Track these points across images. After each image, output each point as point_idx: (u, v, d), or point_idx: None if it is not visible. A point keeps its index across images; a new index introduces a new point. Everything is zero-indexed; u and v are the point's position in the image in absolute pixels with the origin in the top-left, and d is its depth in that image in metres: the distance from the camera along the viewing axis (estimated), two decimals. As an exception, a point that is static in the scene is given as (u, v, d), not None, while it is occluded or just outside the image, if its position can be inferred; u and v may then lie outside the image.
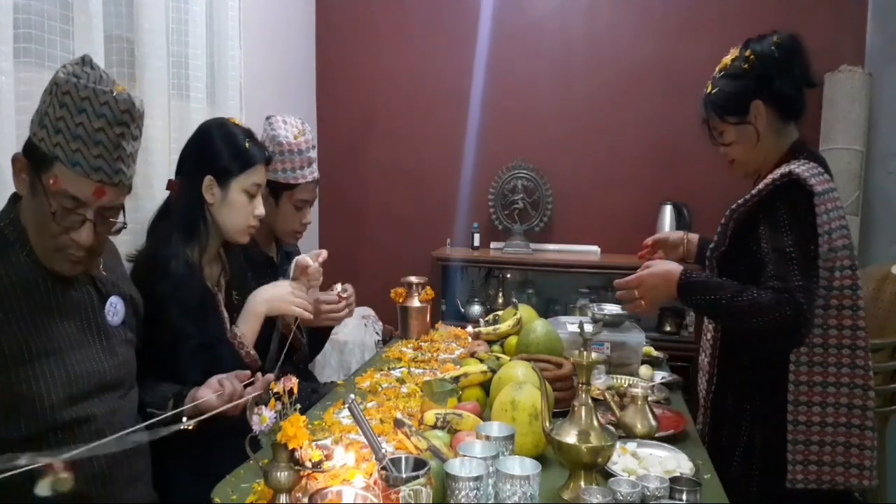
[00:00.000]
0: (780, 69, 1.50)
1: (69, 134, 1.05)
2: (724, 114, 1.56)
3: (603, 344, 1.91)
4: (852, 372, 1.43)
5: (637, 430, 1.43)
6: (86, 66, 1.11)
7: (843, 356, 1.43)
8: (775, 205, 1.43)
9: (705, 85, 1.62)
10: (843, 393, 1.43)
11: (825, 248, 1.39)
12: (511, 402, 1.34)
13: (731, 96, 1.54)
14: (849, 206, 2.97)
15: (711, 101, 1.58)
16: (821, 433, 1.43)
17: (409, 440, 1.22)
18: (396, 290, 2.34)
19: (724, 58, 1.60)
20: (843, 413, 1.43)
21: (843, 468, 1.43)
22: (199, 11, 2.22)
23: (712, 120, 1.60)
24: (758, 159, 1.58)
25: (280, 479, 1.07)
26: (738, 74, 1.54)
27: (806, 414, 1.43)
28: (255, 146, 1.67)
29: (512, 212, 3.46)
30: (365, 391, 1.78)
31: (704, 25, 3.34)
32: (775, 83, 1.50)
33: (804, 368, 1.43)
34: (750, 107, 1.53)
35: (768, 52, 1.51)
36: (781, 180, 1.43)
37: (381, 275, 3.29)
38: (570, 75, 3.48)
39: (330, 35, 3.72)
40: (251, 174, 1.64)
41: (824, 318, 1.43)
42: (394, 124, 3.68)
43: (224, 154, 1.62)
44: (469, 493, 1.05)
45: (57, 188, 1.06)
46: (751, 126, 1.54)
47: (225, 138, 1.64)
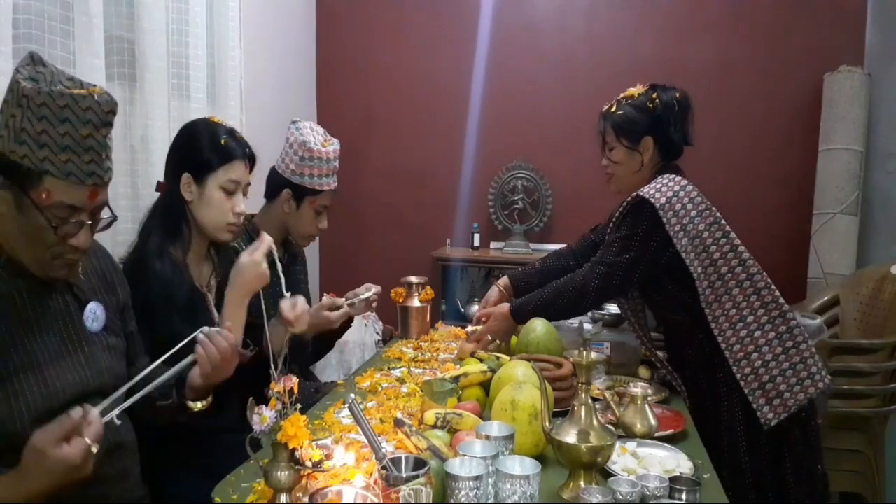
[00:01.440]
0: (675, 119, 1.77)
1: (56, 146, 1.01)
2: (620, 135, 1.80)
3: (603, 344, 1.91)
4: (766, 311, 1.64)
5: (637, 429, 1.43)
6: (38, 65, 1.06)
7: (753, 304, 1.64)
8: (623, 219, 1.74)
9: (609, 103, 1.84)
10: (767, 331, 1.63)
11: (685, 240, 1.64)
12: (511, 402, 1.34)
13: (631, 123, 1.78)
14: (848, 206, 2.98)
15: (613, 120, 1.81)
16: (767, 372, 1.62)
17: (409, 440, 1.22)
18: (396, 290, 2.34)
19: (630, 89, 1.83)
20: (775, 346, 1.63)
21: (798, 387, 1.61)
22: (199, 11, 2.22)
23: (608, 134, 1.82)
24: (633, 182, 1.80)
25: (280, 479, 1.07)
26: (641, 108, 1.78)
27: (748, 365, 1.63)
28: (235, 142, 1.62)
29: (512, 212, 3.46)
30: (365, 391, 1.78)
31: (704, 26, 3.34)
32: (669, 129, 1.77)
33: (728, 333, 1.64)
34: (642, 139, 1.78)
35: (670, 103, 1.77)
36: (632, 202, 1.71)
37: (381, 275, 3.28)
38: (570, 76, 3.49)
39: (330, 35, 3.73)
40: (228, 170, 1.59)
41: (724, 286, 1.64)
42: (394, 124, 3.68)
43: (199, 151, 1.59)
44: (469, 493, 1.05)
45: (51, 201, 1.03)
46: (638, 154, 1.79)
47: (201, 136, 1.61)
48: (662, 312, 1.87)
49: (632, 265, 1.70)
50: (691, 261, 1.64)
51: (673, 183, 1.69)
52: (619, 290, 1.78)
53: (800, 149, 3.26)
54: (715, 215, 1.66)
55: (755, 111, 3.31)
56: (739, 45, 3.31)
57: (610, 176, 1.86)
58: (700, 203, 1.66)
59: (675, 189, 1.67)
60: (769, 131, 3.31)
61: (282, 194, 1.98)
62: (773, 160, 3.31)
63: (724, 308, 1.64)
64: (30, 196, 1.03)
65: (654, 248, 1.68)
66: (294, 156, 1.97)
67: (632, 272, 1.71)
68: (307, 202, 1.99)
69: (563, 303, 1.78)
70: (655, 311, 1.90)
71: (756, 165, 3.33)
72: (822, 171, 3.07)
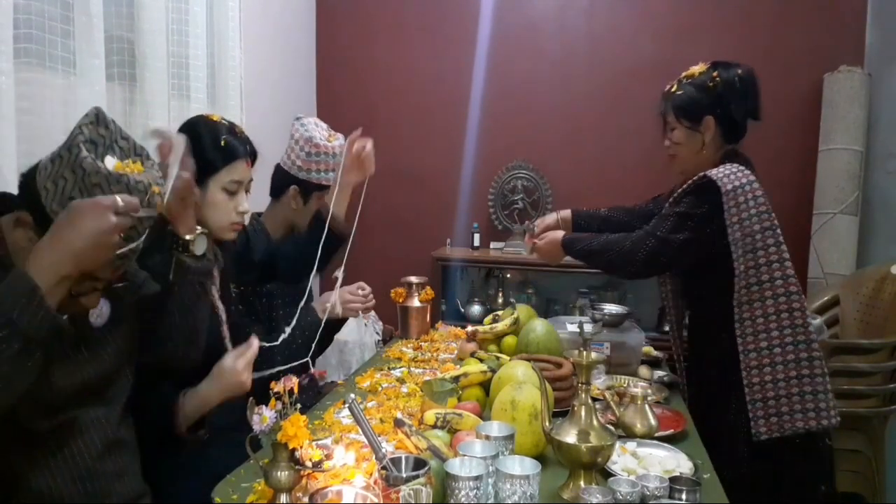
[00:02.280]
0: (737, 97, 1.73)
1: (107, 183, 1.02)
2: (681, 115, 1.78)
3: (603, 344, 1.91)
4: (793, 332, 1.61)
5: (637, 429, 1.44)
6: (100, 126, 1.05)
7: (783, 320, 1.61)
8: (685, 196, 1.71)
9: (669, 83, 1.83)
10: (788, 351, 1.61)
11: (738, 234, 1.61)
12: (511, 402, 1.35)
13: (692, 103, 1.76)
14: (848, 206, 2.98)
15: (673, 100, 1.79)
16: (774, 389, 1.60)
17: (409, 440, 1.22)
18: (396, 290, 2.34)
19: (693, 68, 1.82)
20: (791, 368, 1.60)
21: (801, 415, 1.59)
22: (199, 11, 2.22)
23: (668, 115, 1.81)
24: (695, 164, 1.77)
25: (280, 479, 1.07)
26: (702, 87, 1.76)
27: (759, 376, 1.61)
28: (236, 141, 1.58)
29: (512, 212, 3.46)
30: (365, 391, 1.78)
31: (704, 26, 3.34)
32: (730, 107, 1.73)
33: (750, 339, 1.62)
34: (703, 119, 1.75)
35: (732, 80, 1.74)
36: (698, 181, 1.68)
37: (381, 275, 3.28)
38: (570, 76, 3.48)
39: (330, 35, 3.73)
40: (229, 171, 1.55)
41: (759, 293, 1.62)
42: (394, 124, 3.68)
43: (199, 153, 1.52)
44: (469, 493, 1.05)
45: None
46: (699, 135, 1.76)
47: (200, 137, 1.55)
48: (696, 303, 1.86)
49: (683, 246, 1.67)
50: (738, 256, 1.62)
51: (742, 174, 1.66)
52: (664, 266, 1.78)
53: (800, 149, 3.25)
54: (773, 220, 1.64)
55: (755, 111, 3.31)
56: (739, 45, 3.30)
57: (672, 157, 1.85)
58: (762, 204, 1.64)
59: (742, 181, 1.64)
60: (769, 131, 3.30)
61: (289, 191, 1.97)
62: (773, 160, 3.31)
63: (753, 314, 1.62)
64: None
65: (709, 234, 1.65)
66: (300, 152, 1.97)
67: (682, 253, 1.68)
68: (315, 198, 1.99)
69: (608, 259, 1.77)
70: (690, 300, 1.90)
71: (756, 165, 3.31)
72: (822, 171, 3.07)
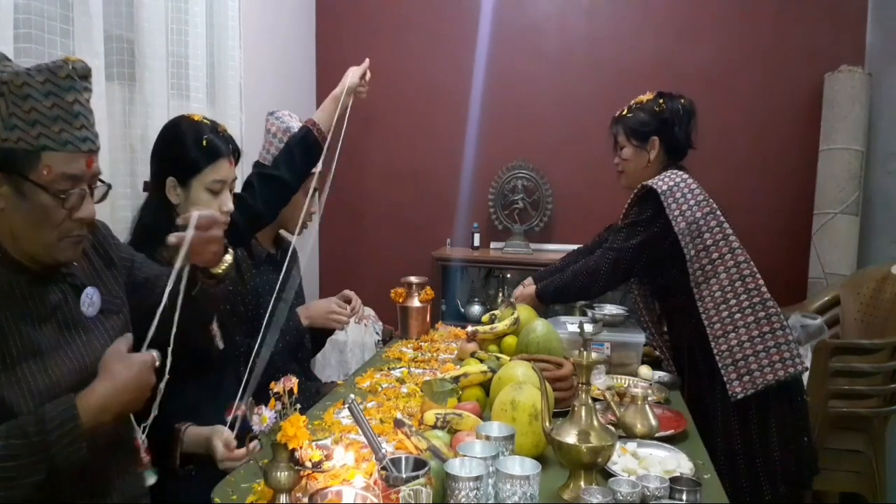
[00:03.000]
0: (679, 122, 1.99)
1: (48, 119, 1.03)
2: (631, 136, 2.03)
3: (603, 344, 1.91)
4: (748, 296, 1.82)
5: (637, 430, 1.43)
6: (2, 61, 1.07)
7: (737, 288, 1.82)
8: (630, 209, 1.98)
9: (620, 109, 2.08)
10: (747, 314, 1.81)
11: (682, 224, 1.83)
12: (511, 402, 1.34)
13: (640, 125, 2.01)
14: (848, 206, 2.98)
15: (624, 122, 2.04)
16: (741, 350, 1.80)
17: (409, 440, 1.22)
18: (396, 290, 2.34)
19: (641, 97, 2.06)
20: (753, 328, 1.80)
21: (769, 368, 1.78)
22: (199, 11, 2.22)
23: (619, 135, 2.05)
24: (641, 177, 1.99)
25: (280, 479, 1.07)
26: (649, 111, 2.01)
27: (725, 342, 1.82)
28: (218, 141, 1.57)
29: (512, 212, 3.46)
30: (365, 391, 1.78)
31: (704, 26, 3.34)
32: (673, 129, 1.99)
33: (712, 312, 1.84)
34: (649, 139, 2.00)
35: (676, 107, 1.99)
36: (637, 192, 1.95)
37: (381, 275, 3.29)
38: (570, 75, 3.48)
39: (330, 35, 3.72)
40: (212, 171, 1.55)
41: (713, 270, 1.84)
42: (394, 124, 3.68)
43: (182, 153, 1.55)
44: (469, 493, 1.05)
45: (52, 175, 1.05)
46: (646, 153, 2.02)
47: (182, 138, 1.56)
48: (665, 296, 2.05)
49: (638, 249, 1.91)
50: (686, 244, 1.83)
51: (675, 175, 1.90)
52: (626, 273, 1.97)
53: (800, 149, 3.25)
54: (711, 206, 1.86)
55: (755, 111, 3.31)
56: (739, 45, 3.31)
57: (620, 173, 2.09)
58: (699, 194, 1.87)
59: (676, 180, 1.88)
60: (769, 131, 3.31)
61: None
62: (774, 160, 3.31)
63: (711, 290, 1.84)
64: (30, 179, 1.04)
65: (657, 233, 1.88)
66: (279, 143, 1.97)
67: (638, 256, 1.92)
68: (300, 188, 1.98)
69: (579, 286, 2.01)
70: (660, 296, 2.08)
71: (756, 165, 3.33)
72: (823, 171, 3.07)
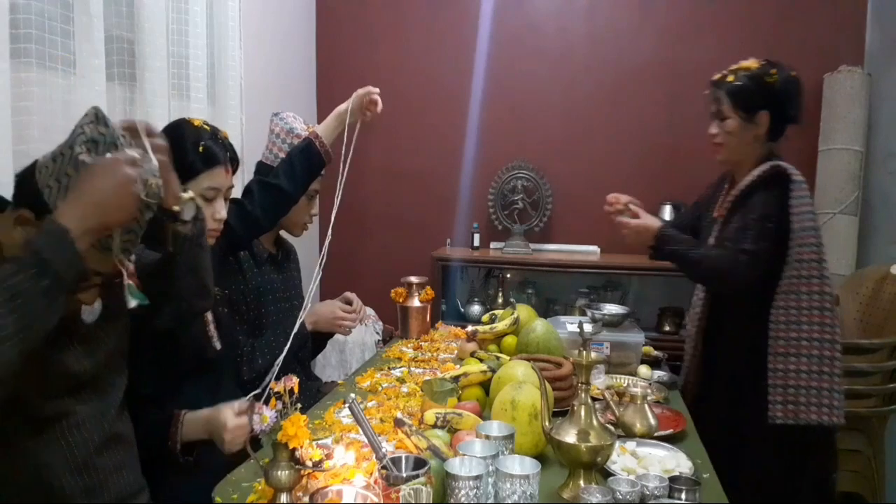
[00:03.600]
0: (791, 99, 1.80)
1: None
2: (738, 106, 1.80)
3: (602, 344, 1.91)
4: (821, 330, 1.71)
5: (636, 429, 1.44)
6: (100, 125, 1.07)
7: (814, 316, 1.71)
8: (754, 192, 1.76)
9: (723, 73, 1.84)
10: (814, 346, 1.71)
11: (797, 226, 1.70)
12: (511, 402, 1.35)
13: (750, 95, 1.79)
14: (848, 207, 2.98)
15: (731, 90, 1.80)
16: (796, 379, 1.71)
17: (409, 439, 1.22)
18: (396, 290, 2.34)
19: (745, 62, 1.83)
20: (814, 363, 1.71)
21: (815, 408, 1.70)
22: (199, 11, 2.22)
23: (723, 103, 1.82)
24: (741, 155, 1.84)
25: (281, 479, 1.07)
26: (761, 81, 1.78)
27: (783, 363, 1.72)
28: (216, 147, 1.54)
29: (512, 212, 3.46)
30: (365, 391, 1.78)
31: (704, 26, 3.34)
32: (784, 105, 1.79)
33: (782, 327, 1.72)
34: (758, 113, 1.79)
35: (788, 79, 1.79)
36: (767, 171, 1.75)
37: (381, 275, 3.29)
38: (570, 76, 3.49)
39: (330, 35, 3.73)
40: (207, 178, 1.52)
41: (796, 286, 1.72)
42: (394, 124, 3.68)
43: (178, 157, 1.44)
44: (469, 493, 1.05)
45: None
46: (752, 128, 1.80)
47: (180, 141, 1.51)
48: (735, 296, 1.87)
49: (769, 250, 1.70)
50: (793, 246, 1.70)
51: (794, 169, 1.76)
52: (759, 277, 1.73)
53: (799, 149, 3.25)
54: (816, 222, 1.74)
55: (755, 111, 3.31)
56: (739, 45, 3.30)
57: (718, 146, 1.87)
58: (811, 204, 1.75)
59: (802, 178, 1.75)
60: (769, 131, 3.31)
61: None
62: (773, 160, 3.31)
63: (787, 305, 1.72)
64: None
65: (783, 228, 1.71)
66: (282, 144, 1.97)
67: (769, 256, 1.71)
68: None
69: (702, 274, 1.83)
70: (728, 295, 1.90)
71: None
72: (822, 171, 3.07)
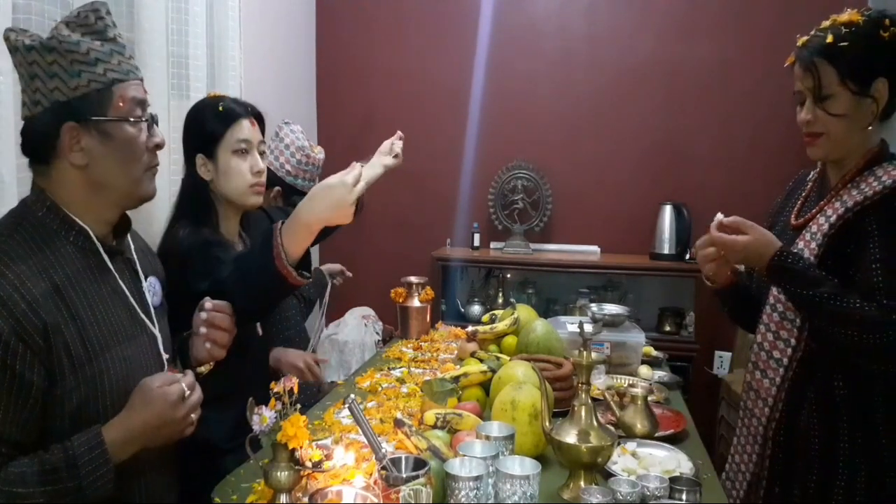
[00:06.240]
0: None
1: (104, 55, 1.07)
2: (848, 76, 1.27)
3: (603, 344, 1.91)
4: None
5: (637, 429, 1.44)
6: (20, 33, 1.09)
7: None
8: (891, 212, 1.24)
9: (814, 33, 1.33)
10: None
11: None
12: (511, 402, 1.35)
13: (861, 59, 1.26)
14: (849, 207, 2.95)
15: (834, 54, 1.27)
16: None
17: (409, 440, 1.22)
18: (396, 290, 2.34)
19: (842, 16, 1.30)
20: None
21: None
22: (199, 11, 2.22)
23: (827, 76, 1.28)
24: (849, 145, 1.32)
25: (280, 479, 1.07)
26: (873, 39, 1.25)
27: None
28: (234, 104, 1.60)
29: (512, 212, 3.46)
30: (365, 391, 1.78)
31: (704, 25, 3.34)
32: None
33: None
34: (875, 82, 1.26)
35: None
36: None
37: (381, 275, 3.29)
38: (570, 75, 3.48)
39: (330, 35, 3.73)
40: (233, 132, 1.57)
41: None
42: (394, 124, 3.65)
43: (201, 126, 1.58)
44: (469, 493, 1.05)
45: (126, 105, 1.09)
46: (871, 102, 1.27)
47: (199, 112, 1.61)
48: None
49: None
50: None
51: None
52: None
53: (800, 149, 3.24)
54: None
55: (755, 111, 3.31)
56: (739, 45, 3.30)
57: (814, 138, 1.35)
58: None
59: None
60: (769, 131, 3.31)
61: (273, 191, 1.98)
62: (774, 160, 3.31)
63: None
64: (111, 118, 1.08)
65: None
66: (291, 157, 1.99)
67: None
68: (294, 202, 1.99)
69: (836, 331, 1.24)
70: None
71: (756, 165, 3.32)
72: (823, 171, 3.04)
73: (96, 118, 1.06)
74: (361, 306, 3.35)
